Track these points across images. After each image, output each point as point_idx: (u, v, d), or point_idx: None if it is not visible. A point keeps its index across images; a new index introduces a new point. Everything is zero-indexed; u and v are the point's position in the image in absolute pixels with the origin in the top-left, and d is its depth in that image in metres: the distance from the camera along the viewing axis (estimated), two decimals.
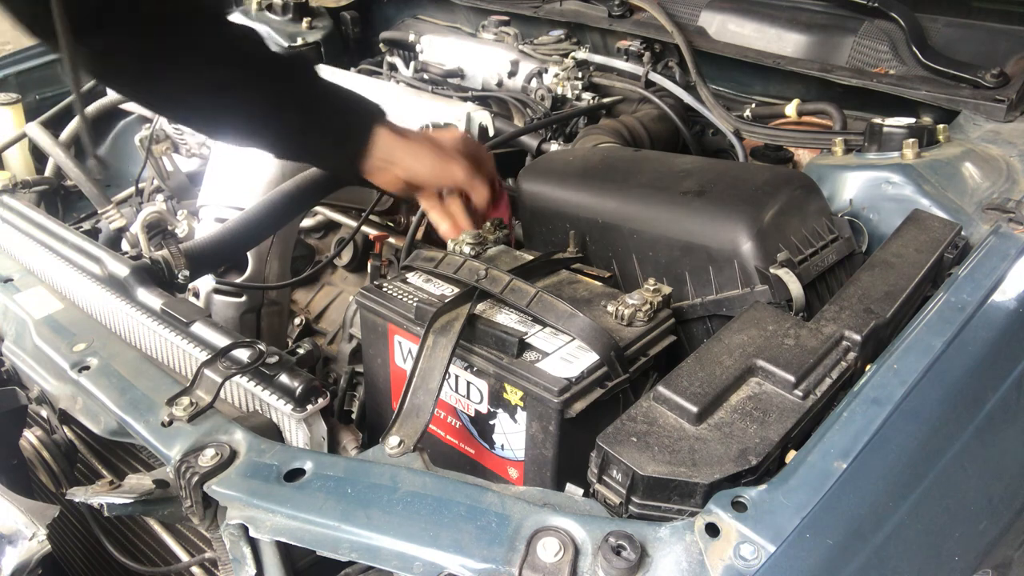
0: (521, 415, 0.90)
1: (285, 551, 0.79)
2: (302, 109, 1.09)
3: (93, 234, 1.71)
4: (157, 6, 0.99)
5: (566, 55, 1.92)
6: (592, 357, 0.89)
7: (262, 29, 2.28)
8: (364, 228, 1.55)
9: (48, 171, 1.90)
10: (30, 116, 1.88)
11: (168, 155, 1.75)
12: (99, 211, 1.63)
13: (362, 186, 1.24)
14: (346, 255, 1.63)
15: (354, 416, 1.29)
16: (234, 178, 1.46)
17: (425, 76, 2.04)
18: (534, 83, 1.88)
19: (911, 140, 1.25)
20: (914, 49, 1.61)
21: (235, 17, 2.34)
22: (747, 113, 1.69)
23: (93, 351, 1.00)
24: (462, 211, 1.19)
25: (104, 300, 1.08)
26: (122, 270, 1.10)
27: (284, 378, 0.91)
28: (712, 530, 0.65)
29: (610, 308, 0.98)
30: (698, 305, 1.08)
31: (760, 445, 0.72)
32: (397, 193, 1.23)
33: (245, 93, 1.06)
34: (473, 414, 0.96)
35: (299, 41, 2.28)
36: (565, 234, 1.18)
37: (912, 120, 1.33)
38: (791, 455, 0.73)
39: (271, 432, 0.90)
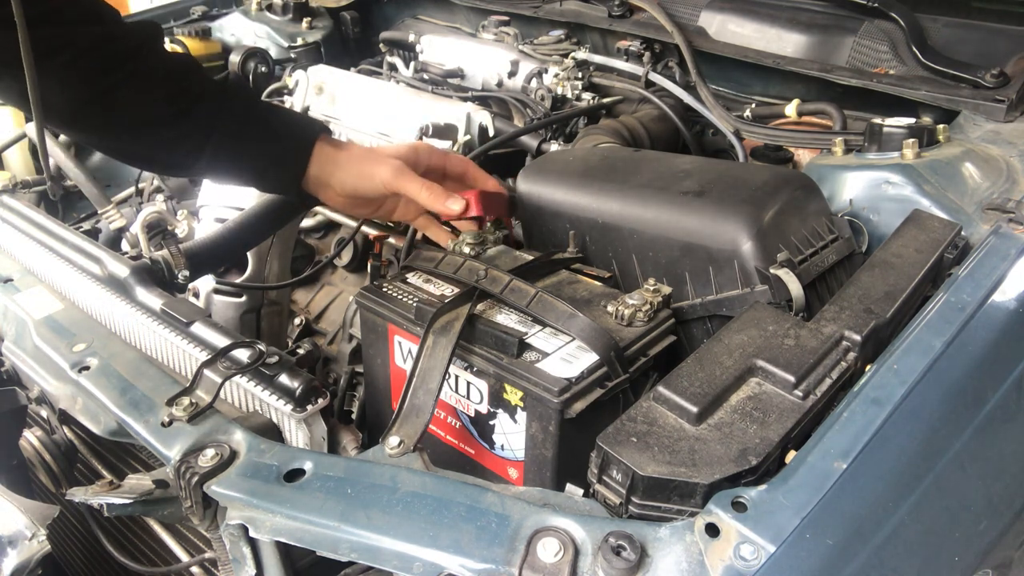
0: (521, 415, 0.90)
1: (285, 551, 0.80)
2: (235, 135, 1.07)
3: (93, 234, 1.71)
4: (88, 39, 0.97)
5: (566, 55, 1.92)
6: (592, 357, 0.89)
7: (262, 30, 2.28)
8: (364, 228, 1.55)
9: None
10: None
11: None
12: (99, 211, 1.63)
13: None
14: (346, 255, 1.62)
15: (354, 416, 1.29)
16: None
17: (425, 76, 2.04)
18: (534, 83, 1.88)
19: (911, 140, 1.25)
20: (914, 49, 1.61)
21: (235, 18, 2.34)
22: (747, 113, 1.69)
23: (93, 351, 1.00)
24: (436, 196, 1.11)
25: (104, 300, 1.08)
26: (122, 270, 1.10)
27: (284, 378, 0.91)
28: (712, 530, 0.65)
29: (610, 308, 0.98)
30: (698, 305, 1.08)
31: (760, 445, 0.72)
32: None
33: (174, 127, 1.04)
34: (473, 414, 0.96)
35: (299, 41, 2.28)
36: (565, 234, 1.18)
37: (912, 120, 1.33)
38: (791, 455, 0.73)
39: (271, 432, 0.90)
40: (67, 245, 1.20)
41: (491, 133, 1.66)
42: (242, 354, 0.93)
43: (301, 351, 1.01)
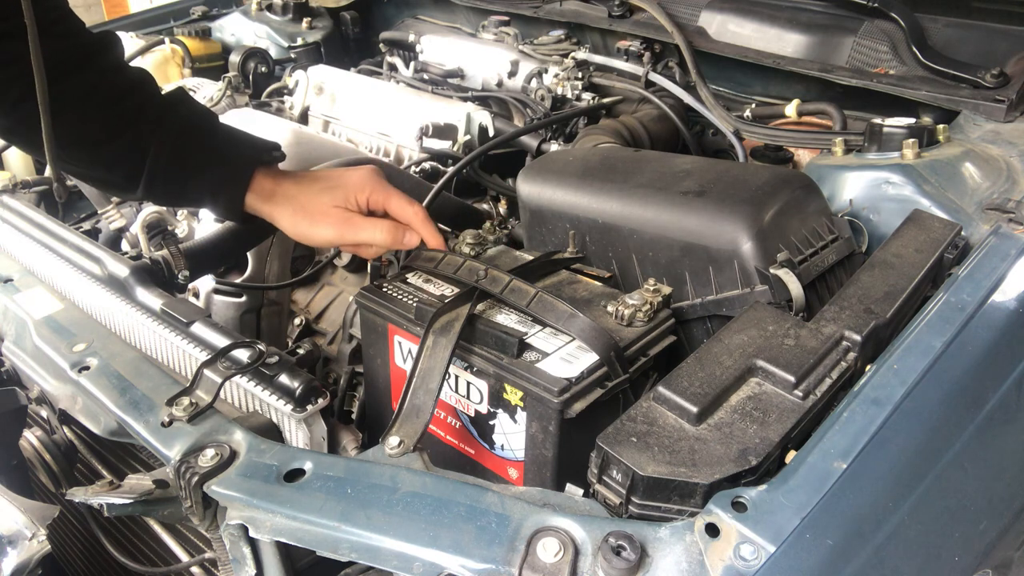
0: (521, 415, 0.90)
1: (285, 551, 0.80)
2: (171, 157, 1.01)
3: (93, 234, 1.71)
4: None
5: (566, 55, 1.92)
6: (592, 357, 0.89)
7: (262, 30, 2.29)
8: None
9: (48, 171, 1.90)
10: None
11: None
12: (99, 211, 1.63)
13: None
14: (346, 255, 1.62)
15: (354, 416, 1.29)
16: None
17: (425, 76, 2.04)
18: (534, 83, 1.88)
19: (911, 140, 1.25)
20: (914, 49, 1.61)
21: (235, 18, 2.34)
22: (747, 113, 1.69)
23: (93, 351, 1.00)
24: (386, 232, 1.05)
25: (104, 300, 1.08)
26: (122, 270, 1.10)
27: (284, 378, 0.91)
28: (712, 530, 0.65)
29: (610, 308, 0.98)
30: (698, 305, 1.08)
31: (760, 445, 0.72)
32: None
33: (108, 147, 1.00)
34: (473, 414, 0.96)
35: (299, 41, 2.28)
36: (565, 234, 1.18)
37: (912, 120, 1.33)
38: (791, 455, 0.74)
39: (271, 432, 0.90)
40: (67, 245, 1.20)
41: (491, 133, 1.66)
42: (242, 354, 0.93)
43: (301, 351, 1.01)
